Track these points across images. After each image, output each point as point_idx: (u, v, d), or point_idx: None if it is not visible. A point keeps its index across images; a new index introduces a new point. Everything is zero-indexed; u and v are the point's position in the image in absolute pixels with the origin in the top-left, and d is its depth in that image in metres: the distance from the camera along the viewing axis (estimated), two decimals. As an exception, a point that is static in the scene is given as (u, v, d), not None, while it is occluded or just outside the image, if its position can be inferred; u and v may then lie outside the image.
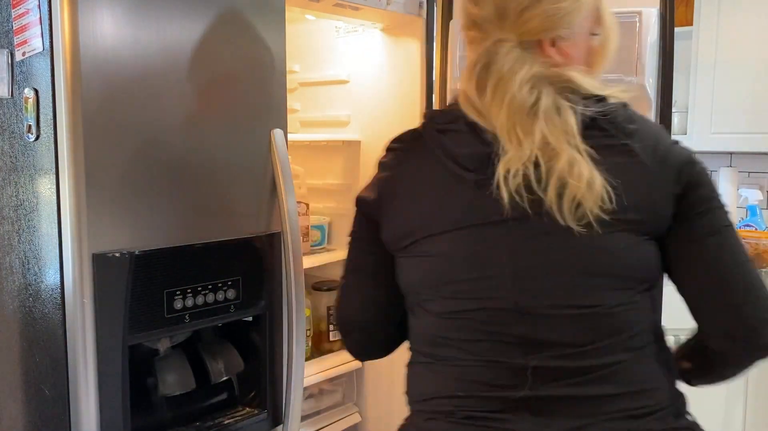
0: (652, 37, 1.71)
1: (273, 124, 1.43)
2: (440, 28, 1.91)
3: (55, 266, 1.17)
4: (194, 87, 1.28)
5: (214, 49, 1.31)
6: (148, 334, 1.25)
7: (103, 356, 1.17)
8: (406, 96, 1.98)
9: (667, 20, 1.75)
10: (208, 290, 1.32)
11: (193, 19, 1.27)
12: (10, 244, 1.25)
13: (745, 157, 3.50)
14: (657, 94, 1.77)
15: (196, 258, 1.30)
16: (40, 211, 1.19)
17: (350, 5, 1.74)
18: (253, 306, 1.41)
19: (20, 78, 1.19)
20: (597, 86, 0.99)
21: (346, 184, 2.14)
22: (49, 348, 1.20)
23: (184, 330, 1.34)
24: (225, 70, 1.33)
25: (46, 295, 1.19)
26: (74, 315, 1.15)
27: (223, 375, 1.43)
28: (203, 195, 1.32)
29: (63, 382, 1.18)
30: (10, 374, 1.28)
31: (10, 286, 1.26)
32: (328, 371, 2.02)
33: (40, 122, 1.16)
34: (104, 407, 1.18)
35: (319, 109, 2.20)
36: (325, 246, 2.12)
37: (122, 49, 1.17)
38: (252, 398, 1.49)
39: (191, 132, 1.29)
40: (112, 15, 1.15)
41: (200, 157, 1.31)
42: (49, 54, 1.13)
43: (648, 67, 1.70)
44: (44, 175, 1.17)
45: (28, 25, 1.15)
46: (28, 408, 1.26)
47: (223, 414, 1.45)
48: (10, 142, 1.22)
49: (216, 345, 1.44)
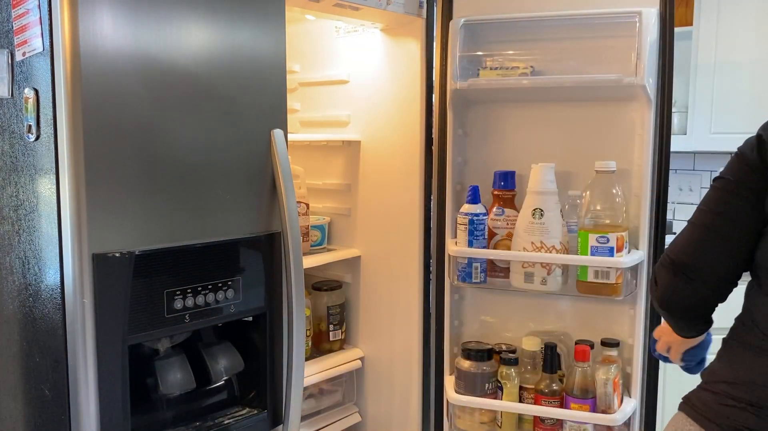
0: (652, 37, 1.71)
1: (273, 124, 1.43)
2: (440, 28, 1.91)
3: (55, 266, 1.17)
4: (194, 87, 1.28)
5: (214, 48, 1.31)
6: (148, 334, 1.25)
7: (103, 356, 1.17)
8: (406, 96, 1.98)
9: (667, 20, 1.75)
10: (208, 290, 1.32)
11: (193, 19, 1.27)
12: (10, 244, 1.25)
13: (745, 157, 3.50)
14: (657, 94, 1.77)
15: (196, 258, 1.30)
16: (40, 211, 1.19)
17: (350, 5, 1.74)
18: (253, 306, 1.42)
19: (20, 78, 1.19)
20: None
21: (346, 184, 2.14)
22: (49, 348, 1.20)
23: (184, 330, 1.34)
24: (225, 69, 1.33)
25: (46, 295, 1.20)
26: (74, 315, 1.16)
27: (223, 375, 1.43)
28: (203, 195, 1.32)
29: (63, 382, 1.18)
30: (10, 374, 1.29)
31: (10, 286, 1.26)
32: (328, 371, 2.02)
33: (40, 122, 1.16)
34: (104, 407, 1.18)
35: (319, 109, 2.21)
36: (325, 246, 2.12)
37: (122, 49, 1.17)
38: (252, 398, 1.49)
39: (191, 132, 1.29)
40: (112, 15, 1.15)
41: (200, 156, 1.31)
42: (49, 54, 1.13)
43: (648, 67, 1.70)
44: (44, 175, 1.17)
45: (28, 25, 1.16)
46: (28, 408, 1.26)
47: (223, 414, 1.45)
48: (10, 142, 1.22)
49: (216, 345, 1.44)
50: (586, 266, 1.76)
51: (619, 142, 1.82)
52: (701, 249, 1.12)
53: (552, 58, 1.87)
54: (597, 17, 1.79)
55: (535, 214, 1.76)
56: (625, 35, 1.74)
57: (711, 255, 1.12)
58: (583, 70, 1.80)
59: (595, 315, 1.89)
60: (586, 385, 1.76)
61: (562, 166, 1.84)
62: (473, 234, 1.82)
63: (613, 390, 1.74)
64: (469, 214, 1.81)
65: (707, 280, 1.13)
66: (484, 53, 1.92)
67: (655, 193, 1.80)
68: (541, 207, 1.76)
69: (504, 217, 1.86)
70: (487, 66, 1.91)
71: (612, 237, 1.70)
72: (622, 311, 1.85)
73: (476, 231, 1.82)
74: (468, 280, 1.85)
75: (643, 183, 1.78)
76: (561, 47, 1.86)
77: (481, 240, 1.83)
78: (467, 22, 1.89)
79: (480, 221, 1.82)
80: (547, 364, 1.80)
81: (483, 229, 1.83)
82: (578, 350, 1.77)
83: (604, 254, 1.71)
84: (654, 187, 1.80)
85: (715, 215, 1.11)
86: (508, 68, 1.89)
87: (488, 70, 1.90)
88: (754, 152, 1.09)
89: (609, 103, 1.84)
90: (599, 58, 1.80)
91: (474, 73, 1.91)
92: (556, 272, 1.80)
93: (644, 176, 1.78)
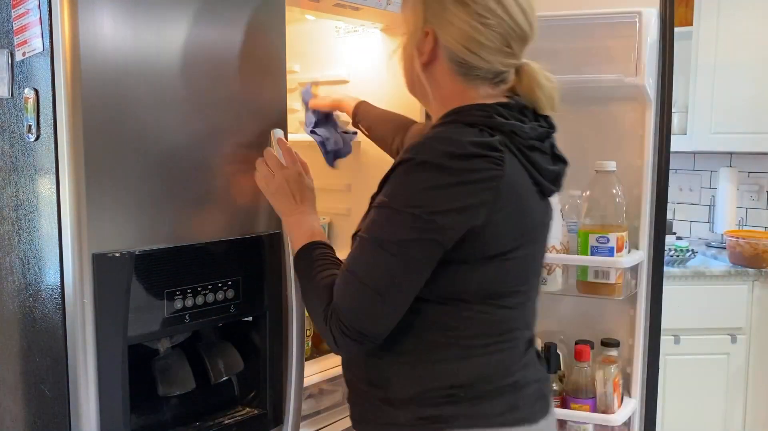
0: (652, 37, 1.71)
1: (273, 124, 1.43)
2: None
3: (55, 266, 1.17)
4: (194, 87, 1.28)
5: (214, 48, 1.31)
6: (148, 334, 1.25)
7: (103, 356, 1.17)
8: (406, 96, 1.97)
9: (667, 20, 1.75)
10: (208, 290, 1.32)
11: (193, 19, 1.27)
12: (10, 244, 1.25)
13: (745, 157, 3.50)
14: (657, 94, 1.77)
15: (196, 258, 1.30)
16: (40, 211, 1.19)
17: (350, 5, 1.74)
18: (253, 306, 1.41)
19: (20, 78, 1.19)
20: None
21: (346, 184, 2.14)
22: (49, 348, 1.20)
23: (184, 330, 1.34)
24: (225, 69, 1.33)
25: (46, 295, 1.19)
26: (74, 315, 1.15)
27: (223, 375, 1.43)
28: (203, 195, 1.32)
29: (63, 382, 1.18)
30: (10, 374, 1.29)
31: (10, 286, 1.26)
32: (328, 371, 2.02)
33: (40, 122, 1.16)
34: (104, 407, 1.18)
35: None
36: (325, 246, 2.12)
37: (122, 49, 1.17)
38: (252, 398, 1.49)
39: (191, 132, 1.29)
40: (112, 15, 1.15)
41: (200, 156, 1.31)
42: (49, 54, 1.13)
43: (648, 67, 1.70)
44: (44, 175, 1.17)
45: (28, 25, 1.16)
46: (28, 408, 1.26)
47: (223, 414, 1.45)
48: (10, 142, 1.22)
49: (216, 345, 1.44)
50: (586, 266, 1.76)
51: (619, 142, 1.83)
52: (386, 320, 1.14)
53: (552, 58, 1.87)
54: (597, 17, 1.79)
55: (535, 214, 1.76)
56: (625, 35, 1.74)
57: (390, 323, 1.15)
58: (583, 70, 1.80)
59: (595, 315, 1.89)
60: (586, 385, 1.76)
61: (562, 166, 1.84)
62: (473, 235, 1.81)
63: (613, 390, 1.74)
64: (469, 214, 1.80)
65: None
66: (484, 53, 1.92)
67: (655, 193, 1.80)
68: (541, 207, 1.76)
69: (504, 217, 1.86)
70: (487, 66, 1.90)
71: (612, 237, 1.70)
72: (622, 311, 1.85)
73: (476, 231, 1.81)
74: (468, 280, 1.85)
75: (643, 183, 1.78)
76: (561, 47, 1.86)
77: (481, 240, 1.82)
78: (467, 22, 1.88)
79: (480, 221, 1.81)
80: (547, 364, 1.80)
81: (483, 229, 1.82)
82: (578, 350, 1.77)
83: (604, 254, 1.71)
84: (654, 187, 1.80)
85: (400, 290, 1.14)
86: (508, 68, 1.88)
87: (488, 70, 1.89)
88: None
89: (609, 103, 1.84)
90: (599, 58, 1.81)
91: (474, 73, 1.90)
92: (556, 272, 1.80)
93: (644, 176, 1.78)
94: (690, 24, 3.24)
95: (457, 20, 1.14)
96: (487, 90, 1.19)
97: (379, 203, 1.12)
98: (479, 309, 1.15)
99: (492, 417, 1.16)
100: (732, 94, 3.19)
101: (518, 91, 1.21)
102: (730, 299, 3.00)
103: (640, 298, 1.80)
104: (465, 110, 1.16)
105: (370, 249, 1.10)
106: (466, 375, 1.16)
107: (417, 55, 1.20)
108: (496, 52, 1.16)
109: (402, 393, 1.18)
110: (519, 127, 1.15)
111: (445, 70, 1.19)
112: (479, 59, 1.16)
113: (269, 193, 1.35)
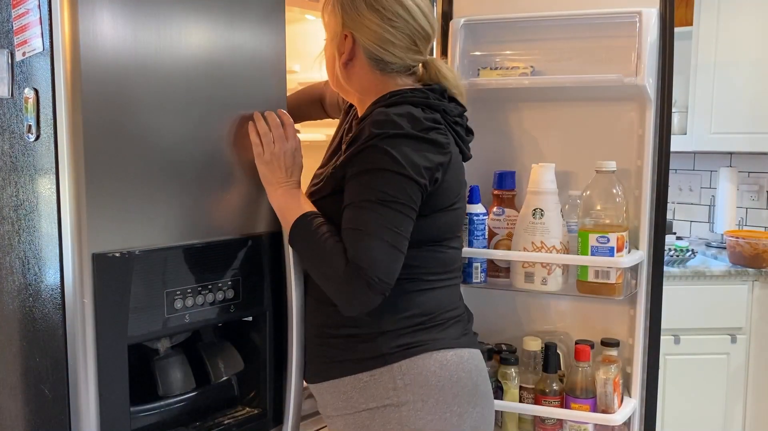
0: (652, 37, 1.71)
1: (273, 124, 1.43)
2: (440, 28, 1.91)
3: (55, 266, 1.17)
4: (194, 87, 1.28)
5: (213, 48, 1.31)
6: (148, 334, 1.25)
7: (103, 356, 1.17)
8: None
9: (667, 20, 1.75)
10: (208, 290, 1.32)
11: (192, 19, 1.27)
12: (10, 244, 1.25)
13: (745, 157, 3.50)
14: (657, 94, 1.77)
15: (196, 258, 1.30)
16: (40, 211, 1.19)
17: (350, 5, 1.74)
18: (253, 306, 1.42)
19: (20, 78, 1.19)
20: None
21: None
22: (49, 348, 1.20)
23: (184, 330, 1.34)
24: (225, 69, 1.33)
25: (46, 295, 1.19)
26: (74, 315, 1.15)
27: (223, 375, 1.43)
28: (203, 195, 1.32)
29: (63, 382, 1.18)
30: (10, 374, 1.29)
31: (10, 286, 1.26)
32: (328, 371, 2.02)
33: (40, 122, 1.16)
34: (104, 407, 1.18)
35: (319, 109, 2.20)
36: (325, 246, 2.11)
37: (122, 49, 1.17)
38: (252, 398, 1.49)
39: (191, 132, 1.29)
40: (112, 15, 1.15)
41: (200, 156, 1.31)
42: (49, 54, 1.13)
43: (648, 67, 1.70)
44: (44, 175, 1.17)
45: (28, 25, 1.15)
46: (28, 408, 1.26)
47: (223, 414, 1.45)
48: (10, 142, 1.22)
49: (216, 345, 1.44)
50: (586, 266, 1.76)
51: (619, 142, 1.82)
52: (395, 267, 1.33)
53: (552, 58, 1.87)
54: (597, 17, 1.79)
55: (535, 213, 1.76)
56: (625, 35, 1.74)
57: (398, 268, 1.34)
58: (583, 70, 1.80)
59: (595, 315, 1.89)
60: (586, 385, 1.76)
61: (562, 166, 1.84)
62: (473, 235, 1.82)
63: (613, 390, 1.74)
64: (469, 214, 1.81)
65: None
66: (484, 53, 1.93)
67: (655, 192, 1.80)
68: (541, 207, 1.76)
69: (504, 217, 1.86)
70: (487, 66, 1.91)
71: (612, 237, 1.70)
72: (622, 311, 1.85)
73: (476, 231, 1.82)
74: (468, 280, 1.85)
75: (643, 183, 1.78)
76: (561, 47, 1.86)
77: (482, 240, 1.83)
78: (467, 22, 1.89)
79: (480, 221, 1.82)
80: (547, 364, 1.80)
81: (483, 229, 1.83)
82: (578, 350, 1.77)
83: (605, 254, 1.71)
84: (654, 187, 1.80)
85: (402, 238, 1.32)
86: (509, 68, 1.89)
87: (488, 70, 1.90)
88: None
89: (609, 103, 1.84)
90: (599, 58, 1.80)
91: (474, 73, 1.91)
92: (557, 272, 1.80)
93: (644, 176, 1.78)
94: (690, 24, 3.24)
95: (372, 24, 1.36)
96: (404, 80, 1.42)
97: (366, 170, 1.29)
98: (435, 249, 1.40)
99: (454, 340, 1.39)
100: (732, 93, 3.19)
101: (426, 81, 1.43)
102: (730, 299, 3.00)
103: (640, 298, 1.80)
104: (402, 93, 1.38)
105: (377, 208, 1.27)
106: (429, 305, 1.39)
107: (338, 55, 1.40)
108: (405, 50, 1.38)
109: (383, 327, 1.35)
110: (447, 105, 1.40)
111: (364, 65, 1.40)
112: (392, 56, 1.38)
113: (263, 161, 1.39)
